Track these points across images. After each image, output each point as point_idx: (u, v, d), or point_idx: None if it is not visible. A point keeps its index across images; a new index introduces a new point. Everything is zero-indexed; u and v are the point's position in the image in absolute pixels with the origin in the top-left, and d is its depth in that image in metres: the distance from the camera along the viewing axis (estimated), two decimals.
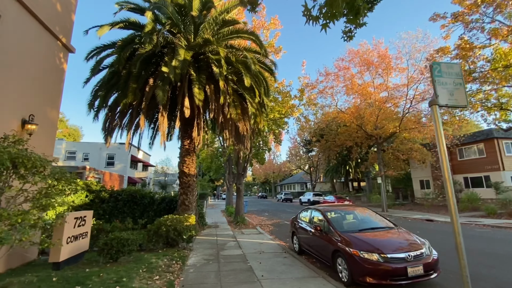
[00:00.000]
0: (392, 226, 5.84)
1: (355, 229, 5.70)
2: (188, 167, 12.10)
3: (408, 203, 30.64)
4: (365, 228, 5.69)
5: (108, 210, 12.49)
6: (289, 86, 16.00)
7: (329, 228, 5.87)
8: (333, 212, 6.62)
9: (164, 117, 9.22)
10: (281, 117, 15.61)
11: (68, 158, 30.60)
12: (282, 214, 21.17)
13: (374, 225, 5.91)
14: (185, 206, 11.89)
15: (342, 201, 24.41)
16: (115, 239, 6.06)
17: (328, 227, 5.92)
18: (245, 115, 11.83)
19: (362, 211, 6.73)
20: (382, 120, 23.93)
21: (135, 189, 13.13)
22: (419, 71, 19.98)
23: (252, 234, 11.44)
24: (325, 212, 6.55)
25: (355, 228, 5.73)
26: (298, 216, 8.20)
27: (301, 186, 57.57)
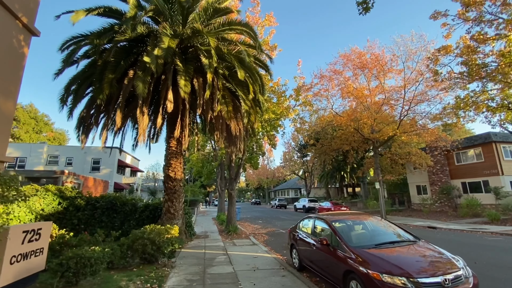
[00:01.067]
0: (414, 240, 4.84)
1: (370, 243, 4.69)
2: (174, 170, 10.96)
3: (405, 209, 29.95)
4: (383, 243, 4.68)
5: (84, 219, 11.18)
6: (284, 85, 15.12)
7: (338, 241, 4.84)
8: (340, 221, 5.60)
9: (144, 113, 8.11)
10: (277, 118, 14.65)
11: (50, 163, 28.85)
12: (277, 221, 20.04)
13: (392, 239, 4.91)
14: (170, 215, 10.71)
15: (338, 207, 23.48)
16: (74, 258, 4.86)
17: (337, 240, 4.88)
18: (237, 113, 10.83)
19: (374, 221, 5.74)
20: (379, 123, 23.30)
21: (114, 196, 11.85)
22: (416, 72, 19.45)
23: (245, 245, 10.29)
24: (331, 221, 5.52)
25: (370, 242, 4.72)
26: (298, 226, 7.15)
27: (295, 192, 56.56)
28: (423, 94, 19.17)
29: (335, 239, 5.00)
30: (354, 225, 5.58)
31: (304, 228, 6.76)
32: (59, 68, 9.06)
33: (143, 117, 8.08)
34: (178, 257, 7.99)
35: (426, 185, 28.56)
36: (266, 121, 14.77)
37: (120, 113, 8.16)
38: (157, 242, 6.42)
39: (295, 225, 7.47)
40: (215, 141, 13.96)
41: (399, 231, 5.29)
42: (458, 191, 24.71)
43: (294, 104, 15.46)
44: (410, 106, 19.20)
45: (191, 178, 38.82)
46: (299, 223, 7.16)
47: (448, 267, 3.81)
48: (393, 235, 5.11)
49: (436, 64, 13.67)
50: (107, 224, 11.32)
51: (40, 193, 10.36)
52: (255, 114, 10.62)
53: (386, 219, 20.13)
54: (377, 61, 20.14)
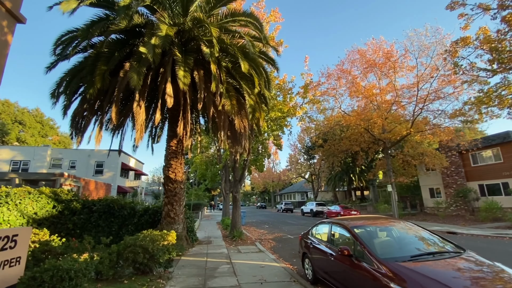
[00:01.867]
0: (458, 250, 3.95)
1: (403, 254, 3.84)
2: (175, 172, 10.26)
3: (417, 212, 28.62)
4: (419, 254, 3.82)
5: (80, 223, 10.53)
6: (291, 82, 14.36)
7: (363, 252, 4.00)
8: (362, 227, 4.76)
9: (141, 107, 7.44)
10: (283, 116, 13.87)
11: (54, 166, 28.56)
12: (284, 226, 19.12)
13: (430, 249, 4.05)
14: (170, 219, 9.98)
15: (348, 212, 22.44)
16: (50, 270, 4.14)
17: (361, 250, 4.05)
18: (242, 110, 10.09)
19: (403, 226, 4.86)
20: (390, 123, 22.32)
21: (112, 199, 11.19)
22: (430, 69, 18.49)
23: (250, 252, 9.46)
24: (352, 227, 4.68)
25: (403, 254, 3.86)
26: (311, 232, 6.32)
27: (302, 195, 55.40)
28: (437, 91, 18.16)
29: (358, 248, 4.16)
30: (380, 231, 4.74)
31: (319, 234, 5.92)
32: (51, 62, 8.51)
33: (140, 111, 7.40)
34: (177, 266, 7.21)
35: (440, 187, 27.25)
36: (273, 120, 14.01)
37: (115, 108, 7.49)
38: (150, 250, 5.66)
39: (307, 231, 6.64)
40: (218, 142, 13.23)
41: (436, 239, 4.42)
42: (475, 193, 23.40)
43: (301, 102, 14.67)
44: (424, 104, 18.18)
45: (195, 181, 38.17)
46: (312, 229, 6.33)
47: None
48: (430, 244, 4.25)
49: (455, 57, 12.76)
50: (104, 229, 10.66)
51: (33, 196, 9.75)
52: (260, 111, 9.86)
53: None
54: (387, 58, 19.25)
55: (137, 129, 7.44)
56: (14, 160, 27.85)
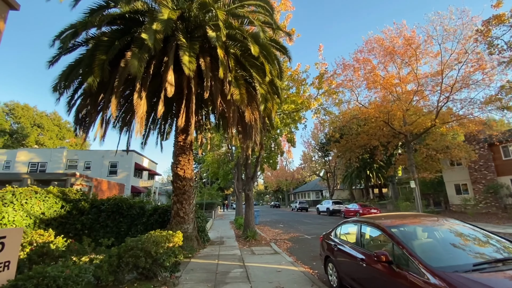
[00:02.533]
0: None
1: (463, 262, 2.98)
2: (183, 168, 9.70)
3: (442, 210, 26.89)
4: (485, 262, 2.96)
5: (88, 224, 10.17)
6: (305, 72, 13.50)
7: (408, 259, 3.18)
8: (401, 227, 3.91)
9: (142, 98, 6.87)
10: (297, 109, 13.03)
11: (70, 167, 29.01)
12: (300, 226, 18.26)
13: (497, 255, 3.17)
14: (179, 218, 9.42)
15: (368, 210, 21.26)
16: (34, 277, 3.59)
17: (405, 257, 3.23)
18: (252, 102, 9.39)
19: (451, 225, 3.97)
20: (411, 115, 20.91)
21: (121, 198, 10.78)
22: (456, 55, 17.03)
23: (265, 254, 8.74)
24: (388, 227, 3.85)
25: (464, 261, 3.01)
26: (334, 233, 5.51)
27: (316, 194, 54.07)
28: (465, 78, 16.70)
29: (400, 254, 3.34)
30: (423, 232, 3.88)
31: (344, 235, 5.11)
32: (53, 56, 8.13)
33: (141, 102, 6.84)
34: (185, 269, 6.60)
35: (467, 183, 25.41)
36: (286, 113, 13.20)
37: (115, 100, 6.97)
38: (153, 253, 5.05)
39: (330, 232, 5.83)
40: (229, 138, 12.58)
41: (497, 241, 3.52)
42: (508, 189, 21.57)
43: (316, 93, 13.77)
44: (450, 93, 16.75)
45: (208, 181, 37.90)
46: (336, 229, 5.51)
47: None
48: (493, 247, 3.36)
49: (487, 37, 11.48)
50: (112, 229, 10.26)
51: (40, 195, 9.47)
52: (272, 101, 9.10)
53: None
54: (408, 44, 17.93)
55: (137, 122, 6.89)
56: (32, 162, 28.51)
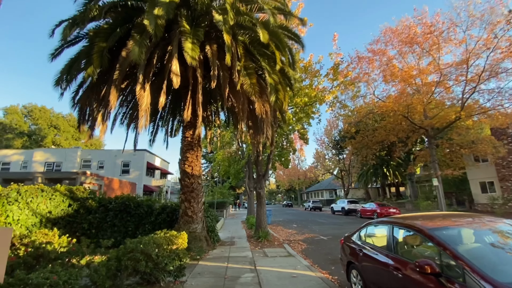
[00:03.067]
0: None
1: None
2: (191, 165, 9.22)
3: (465, 210, 25.32)
4: None
5: (96, 223, 9.91)
6: (318, 63, 12.75)
7: (463, 271, 2.48)
8: (449, 230, 3.20)
9: (145, 90, 6.41)
10: (311, 103, 12.30)
11: (84, 167, 29.43)
12: (314, 226, 17.49)
13: None
14: (187, 218, 8.96)
15: (386, 210, 20.16)
16: (14, 285, 3.14)
17: (461, 269, 2.53)
18: (263, 94, 8.76)
19: (507, 228, 3.22)
20: (432, 108, 19.66)
21: (128, 196, 10.46)
22: (483, 41, 15.72)
23: (278, 256, 8.12)
24: (431, 231, 3.14)
25: None
26: (358, 235, 4.81)
27: (330, 193, 52.77)
28: (493, 67, 15.38)
29: (452, 265, 2.64)
30: (476, 236, 3.14)
31: (371, 238, 4.42)
32: (55, 48, 7.82)
33: (144, 94, 6.37)
34: (192, 273, 6.09)
35: (494, 181, 23.75)
36: (298, 107, 12.49)
37: (114, 90, 6.53)
38: (154, 256, 4.54)
39: (352, 234, 5.14)
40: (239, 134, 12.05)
41: None
42: None
43: (330, 86, 12.98)
44: (478, 83, 15.47)
45: (219, 179, 37.63)
46: (360, 231, 4.81)
47: None
48: None
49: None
50: (119, 228, 9.95)
51: (47, 193, 9.26)
52: (284, 92, 8.45)
53: None
54: (430, 32, 16.76)
55: (140, 115, 6.42)
56: (48, 162, 29.15)
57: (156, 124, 12.23)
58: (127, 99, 10.42)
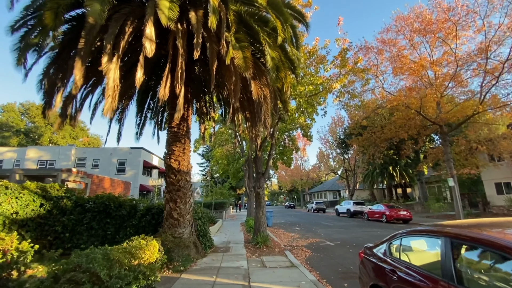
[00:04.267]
0: None
1: None
2: (178, 159, 7.96)
3: (480, 212, 23.79)
4: None
5: (70, 225, 8.66)
6: (324, 48, 11.44)
7: None
8: None
9: (112, 61, 5.15)
10: (316, 92, 11.00)
11: (78, 165, 28.33)
12: (319, 229, 16.14)
13: None
14: (173, 220, 7.69)
15: (396, 211, 18.74)
16: None
17: None
18: (261, 75, 7.50)
19: None
20: (446, 103, 18.26)
21: (109, 195, 9.22)
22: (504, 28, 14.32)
23: (278, 267, 6.81)
24: None
25: None
26: (388, 248, 3.48)
27: (334, 194, 51.26)
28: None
29: None
30: None
31: (409, 254, 3.10)
32: (16, 19, 6.60)
33: (111, 66, 5.09)
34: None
35: (511, 181, 22.27)
36: (302, 97, 11.18)
37: (80, 64, 5.27)
38: (104, 277, 3.27)
39: (376, 245, 3.82)
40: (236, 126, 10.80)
41: None
42: None
43: (337, 73, 11.65)
44: (501, 72, 14.03)
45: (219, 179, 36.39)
46: (390, 243, 3.49)
47: None
48: None
49: None
50: (97, 232, 8.71)
51: (12, 191, 8.04)
52: (285, 71, 7.15)
53: None
54: (445, 20, 15.38)
55: (107, 94, 5.13)
56: (41, 159, 28.12)
57: (144, 116, 11.02)
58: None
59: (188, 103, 8.52)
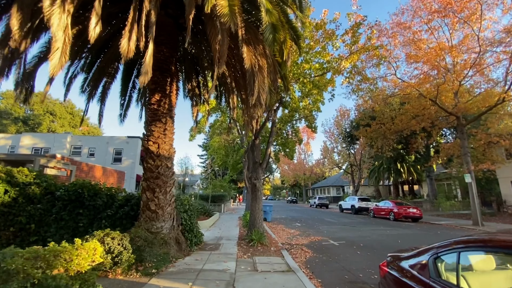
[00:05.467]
0: None
1: None
2: (158, 142, 6.78)
3: (493, 212, 22.34)
4: None
5: (37, 216, 7.60)
6: (333, 22, 10.04)
7: None
8: None
9: (56, 3, 3.92)
10: (322, 71, 9.65)
11: (73, 154, 27.45)
12: (322, 225, 14.95)
13: None
14: (150, 213, 6.56)
15: (405, 209, 17.45)
16: None
17: None
18: (257, 43, 6.24)
19: None
20: (464, 92, 16.74)
21: (83, 183, 8.11)
22: None
23: (272, 272, 5.64)
24: None
25: None
26: (432, 267, 2.24)
27: (337, 189, 49.98)
28: None
29: None
30: None
31: (464, 277, 1.86)
32: None
33: (54, 9, 3.88)
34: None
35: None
36: (307, 77, 9.84)
37: (16, 10, 4.06)
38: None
39: (410, 256, 2.58)
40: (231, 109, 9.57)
41: None
42: None
43: (348, 52, 10.26)
44: None
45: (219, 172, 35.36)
46: (434, 259, 2.23)
47: None
48: None
49: None
50: (68, 223, 7.63)
51: None
52: (285, 33, 5.83)
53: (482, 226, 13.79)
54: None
55: (53, 48, 3.94)
56: (35, 147, 27.32)
57: (128, 95, 9.86)
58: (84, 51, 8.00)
59: (172, 76, 7.29)
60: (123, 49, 4.06)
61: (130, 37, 4.13)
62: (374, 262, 6.74)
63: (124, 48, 4.07)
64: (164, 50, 7.13)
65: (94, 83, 8.84)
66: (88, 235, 5.27)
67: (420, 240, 10.07)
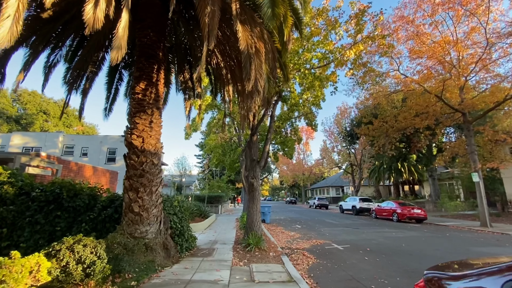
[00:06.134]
0: None
1: None
2: (142, 135, 6.03)
3: (497, 212, 21.73)
4: None
5: (10, 219, 6.83)
6: (337, 9, 9.37)
7: None
8: None
9: None
10: (325, 61, 8.96)
11: (66, 153, 26.65)
12: (323, 227, 14.24)
13: None
14: (133, 215, 5.80)
15: (408, 209, 16.77)
16: None
17: None
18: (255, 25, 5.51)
19: None
20: (470, 88, 16.13)
21: (62, 182, 7.36)
22: None
23: (271, 283, 4.92)
24: None
25: None
26: None
27: (337, 190, 49.34)
28: None
29: None
30: None
31: None
32: None
33: None
34: None
35: None
36: (308, 68, 9.15)
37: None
38: None
39: (456, 276, 1.86)
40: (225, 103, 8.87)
41: None
42: None
43: (352, 42, 9.59)
44: None
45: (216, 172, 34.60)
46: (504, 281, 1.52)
47: None
48: None
49: None
50: (44, 227, 6.87)
51: None
52: (285, 8, 5.12)
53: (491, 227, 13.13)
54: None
55: (3, 13, 3.22)
56: (26, 146, 26.49)
57: (114, 88, 9.12)
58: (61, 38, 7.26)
59: (159, 63, 6.56)
60: (88, 17, 3.33)
61: (97, 3, 3.40)
62: (385, 270, 6.03)
63: (89, 15, 3.34)
64: (150, 34, 6.41)
65: (77, 73, 8.10)
66: (55, 243, 4.54)
67: (432, 243, 9.35)
